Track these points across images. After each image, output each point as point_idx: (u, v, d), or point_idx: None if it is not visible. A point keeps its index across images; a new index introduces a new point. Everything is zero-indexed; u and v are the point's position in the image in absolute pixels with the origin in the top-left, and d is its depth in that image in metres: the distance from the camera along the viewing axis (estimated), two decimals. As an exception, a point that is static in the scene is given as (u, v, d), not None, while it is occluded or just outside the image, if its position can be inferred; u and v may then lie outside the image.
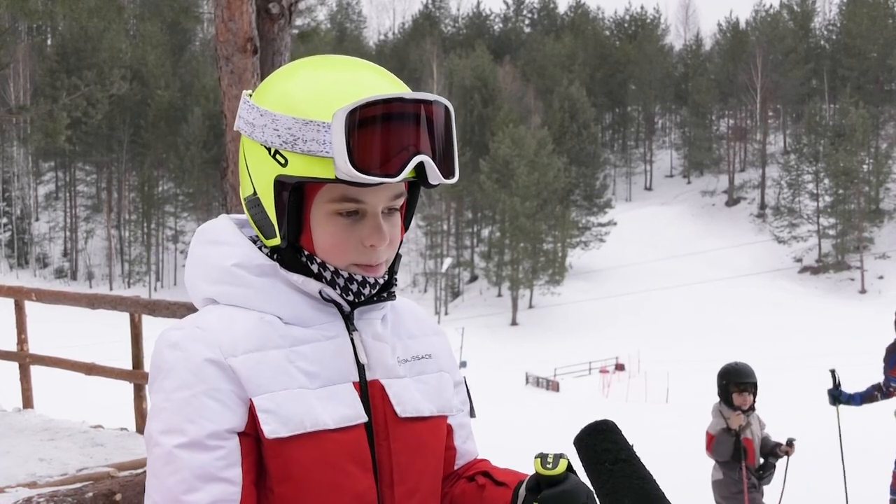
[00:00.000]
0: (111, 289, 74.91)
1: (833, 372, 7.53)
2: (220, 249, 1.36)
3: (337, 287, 1.33)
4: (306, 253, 1.34)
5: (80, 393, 18.91)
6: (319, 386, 1.30)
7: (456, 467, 1.49)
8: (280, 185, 1.28)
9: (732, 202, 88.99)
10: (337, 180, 1.24)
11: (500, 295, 74.05)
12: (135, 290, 74.00)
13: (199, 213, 77.21)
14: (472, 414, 1.55)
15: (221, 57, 5.49)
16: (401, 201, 1.34)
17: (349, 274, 1.33)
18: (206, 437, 1.22)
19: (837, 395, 7.40)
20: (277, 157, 1.27)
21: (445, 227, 79.31)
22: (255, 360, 1.27)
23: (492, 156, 71.40)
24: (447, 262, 64.46)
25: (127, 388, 8.05)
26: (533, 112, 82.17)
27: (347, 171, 1.21)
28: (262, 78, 5.80)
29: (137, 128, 78.34)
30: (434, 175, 1.27)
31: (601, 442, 1.16)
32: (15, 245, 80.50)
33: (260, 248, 1.37)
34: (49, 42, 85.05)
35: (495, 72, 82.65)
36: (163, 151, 78.04)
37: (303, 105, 1.26)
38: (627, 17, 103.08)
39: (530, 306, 71.65)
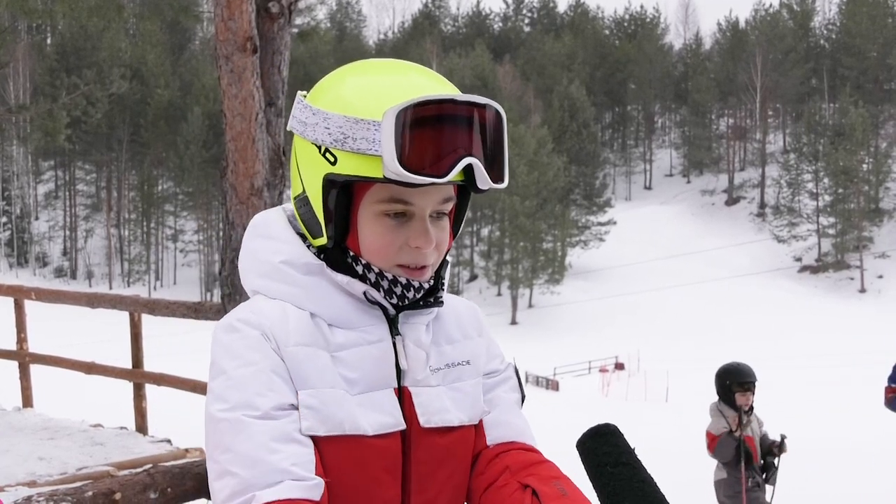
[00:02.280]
0: (111, 288, 74.94)
1: None
2: (270, 245, 1.37)
3: (381, 290, 1.32)
4: (352, 254, 1.33)
5: (80, 392, 18.90)
6: (359, 392, 1.29)
7: (490, 440, 1.41)
8: (329, 183, 1.28)
9: (732, 201, 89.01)
10: (385, 180, 1.23)
11: (499, 294, 74.08)
12: (134, 290, 74.02)
13: (199, 213, 77.25)
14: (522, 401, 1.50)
15: (221, 56, 5.49)
16: (450, 205, 1.33)
17: (394, 276, 1.31)
18: (276, 408, 1.22)
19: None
20: (327, 155, 1.27)
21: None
22: (306, 354, 1.27)
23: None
24: (447, 261, 64.30)
25: (126, 387, 8.04)
26: (533, 111, 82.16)
27: (395, 169, 1.20)
28: (262, 77, 5.81)
29: (137, 127, 78.33)
30: (483, 179, 1.25)
31: (603, 445, 1.16)
32: (14, 244, 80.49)
33: (308, 247, 1.36)
34: (49, 41, 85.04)
35: (495, 71, 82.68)
36: (162, 150, 78.02)
37: (354, 104, 1.26)
38: (627, 17, 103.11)
39: (530, 305, 71.66)
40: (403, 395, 1.32)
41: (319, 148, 1.29)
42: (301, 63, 67.42)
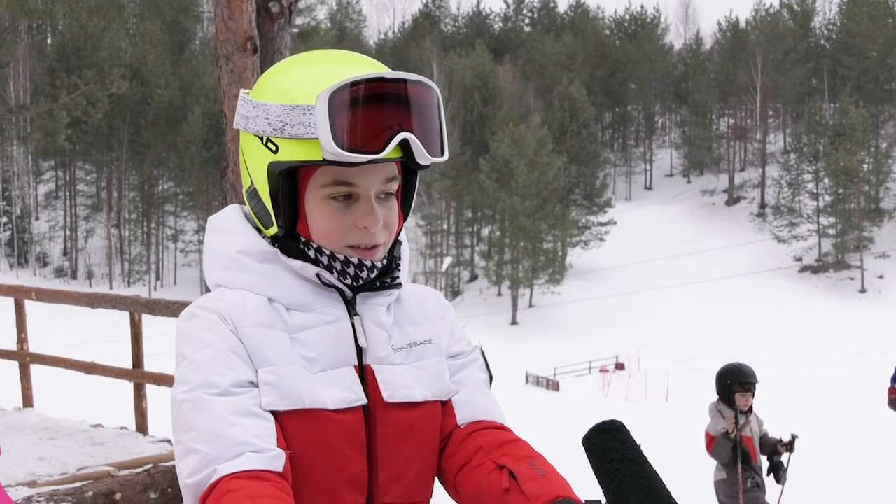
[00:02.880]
0: (111, 288, 74.93)
1: None
2: (226, 237, 1.41)
3: (334, 271, 1.36)
4: (303, 239, 1.37)
5: (80, 392, 18.92)
6: (319, 370, 1.32)
7: (461, 419, 1.44)
8: (274, 172, 1.33)
9: (732, 201, 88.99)
10: (325, 162, 1.27)
11: (500, 294, 74.07)
12: (134, 290, 74.02)
13: (199, 213, 77.22)
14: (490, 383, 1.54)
15: (221, 56, 5.49)
16: (394, 185, 1.37)
17: (345, 257, 1.36)
18: (235, 385, 1.26)
19: None
20: (269, 144, 1.32)
21: (445, 226, 79.31)
22: (263, 334, 1.31)
23: (492, 155, 71.38)
24: (447, 261, 64.48)
25: (127, 387, 8.04)
26: (533, 111, 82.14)
27: (332, 149, 1.24)
28: (262, 77, 5.82)
29: (137, 127, 78.32)
30: (420, 153, 1.30)
31: (608, 441, 1.17)
32: (15, 244, 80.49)
33: (263, 238, 1.41)
34: (49, 41, 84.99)
35: (495, 71, 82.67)
36: (163, 150, 78.03)
37: (291, 93, 1.30)
38: (627, 17, 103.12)
39: (530, 305, 71.64)
40: (366, 373, 1.35)
41: (262, 139, 1.33)
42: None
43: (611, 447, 1.17)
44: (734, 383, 6.35)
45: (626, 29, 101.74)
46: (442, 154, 1.35)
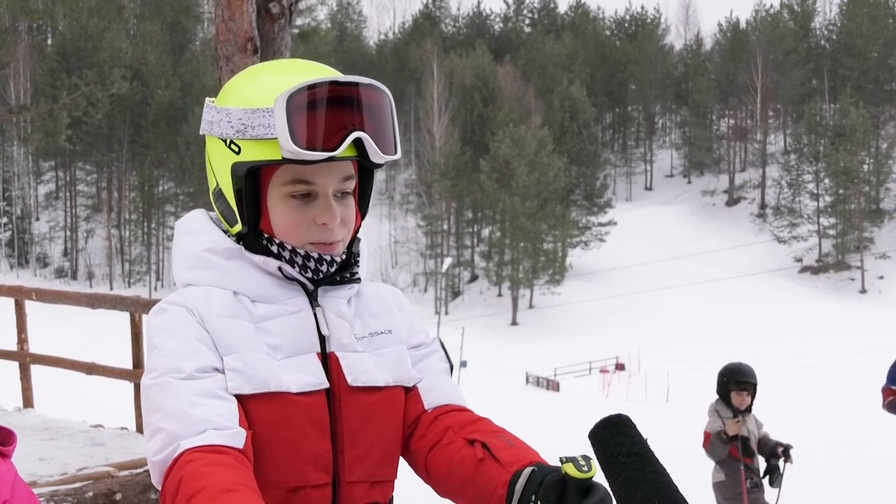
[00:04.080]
0: (111, 288, 74.92)
1: None
2: (193, 237, 1.49)
3: (296, 266, 1.45)
4: (266, 236, 1.46)
5: (81, 392, 18.90)
6: (284, 357, 1.41)
7: (427, 405, 1.54)
8: (236, 172, 1.42)
9: (733, 202, 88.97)
10: (284, 161, 1.37)
11: (500, 295, 74.05)
12: (135, 290, 74.00)
13: (200, 213, 77.20)
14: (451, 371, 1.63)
15: (222, 56, 5.49)
16: (351, 184, 1.46)
17: (306, 252, 1.45)
18: (200, 370, 1.34)
19: None
20: (232, 146, 1.41)
21: (445, 226, 79.28)
22: (228, 324, 1.40)
23: (492, 155, 71.37)
24: (447, 261, 64.36)
25: (127, 387, 8.04)
26: (533, 112, 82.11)
27: (290, 147, 1.33)
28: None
29: (138, 127, 78.32)
30: (374, 152, 1.39)
31: (615, 436, 1.18)
32: (15, 245, 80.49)
33: (229, 237, 1.49)
34: (49, 41, 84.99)
35: (495, 71, 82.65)
36: (163, 151, 78.03)
37: (251, 97, 1.41)
38: (628, 17, 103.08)
39: (530, 306, 71.62)
40: (330, 359, 1.44)
41: (225, 141, 1.43)
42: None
43: (617, 441, 1.18)
44: (731, 382, 6.34)
45: (626, 29, 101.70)
46: (395, 152, 1.43)
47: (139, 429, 7.54)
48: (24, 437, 7.05)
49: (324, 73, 1.43)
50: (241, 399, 1.35)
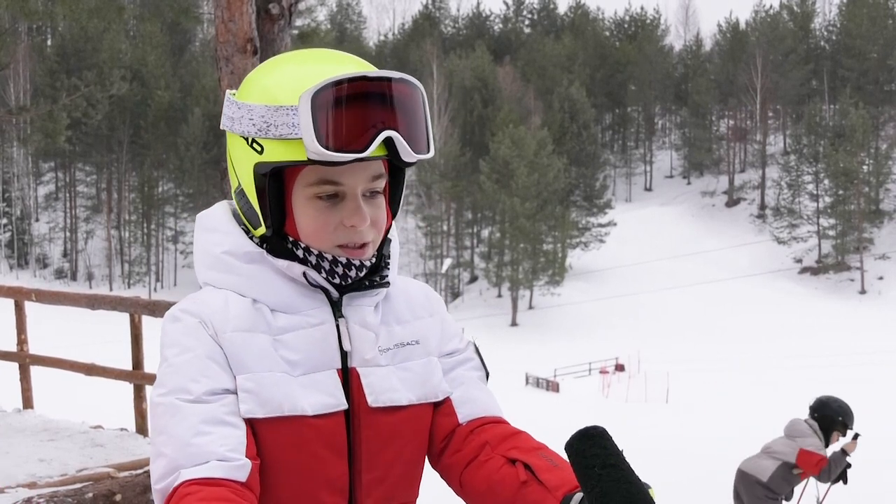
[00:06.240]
0: (111, 289, 74.91)
1: None
2: (213, 237, 1.42)
3: (322, 271, 1.36)
4: (291, 239, 1.37)
5: (80, 393, 18.91)
6: (301, 374, 1.33)
7: (462, 417, 1.45)
8: (259, 172, 1.33)
9: (732, 203, 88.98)
10: (309, 161, 1.28)
11: (499, 295, 74.04)
12: (135, 291, 73.99)
13: (199, 214, 77.22)
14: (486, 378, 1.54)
15: (221, 57, 5.49)
16: (381, 183, 1.37)
17: (333, 257, 1.35)
18: (208, 393, 1.27)
19: None
20: (254, 145, 1.32)
21: (445, 227, 79.28)
22: (243, 339, 1.32)
23: (492, 156, 71.38)
24: (447, 262, 64.47)
25: (127, 388, 8.04)
26: (533, 112, 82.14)
27: (316, 149, 1.24)
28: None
29: (137, 128, 78.32)
30: (405, 151, 1.29)
31: (591, 447, 1.17)
32: (15, 245, 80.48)
33: (251, 238, 1.41)
34: (49, 42, 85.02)
35: (495, 72, 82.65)
36: (163, 152, 78.01)
37: (274, 93, 1.31)
38: (627, 18, 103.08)
39: (530, 307, 71.62)
40: (350, 376, 1.35)
41: (247, 140, 1.33)
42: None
43: (593, 453, 1.17)
44: (841, 425, 6.33)
45: (625, 30, 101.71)
46: (428, 151, 1.34)
47: (139, 430, 7.54)
48: (24, 439, 7.05)
49: (352, 65, 1.34)
50: (253, 422, 1.29)
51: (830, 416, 6.37)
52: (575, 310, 68.76)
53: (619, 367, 50.93)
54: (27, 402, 8.52)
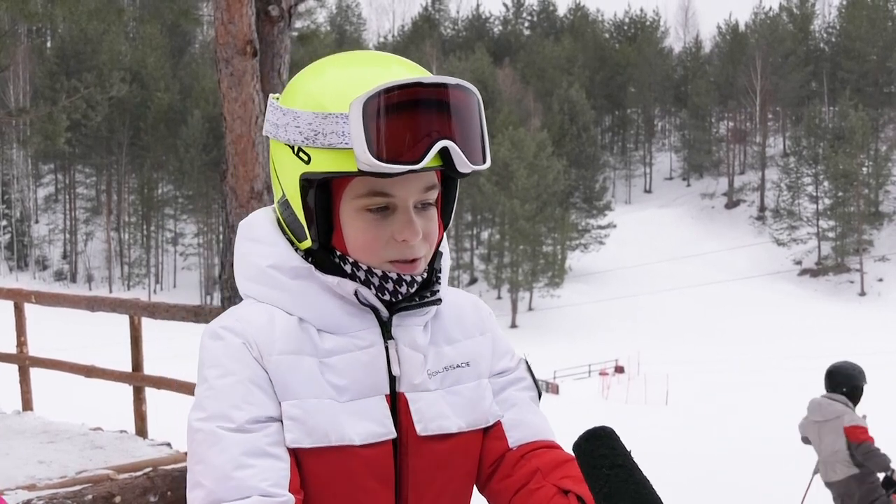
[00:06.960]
0: (110, 291, 74.90)
1: None
2: (258, 248, 1.33)
3: (372, 287, 1.28)
4: (339, 253, 1.29)
5: (80, 395, 18.88)
6: (349, 400, 1.26)
7: (512, 442, 1.38)
8: (306, 183, 1.25)
9: (732, 204, 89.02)
10: (360, 172, 1.19)
11: (499, 297, 74.06)
12: (134, 293, 73.98)
13: (199, 216, 77.26)
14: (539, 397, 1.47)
15: (221, 59, 5.49)
16: (434, 194, 1.29)
17: (383, 272, 1.27)
18: (251, 422, 1.20)
19: None
20: (301, 154, 1.24)
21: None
22: (290, 363, 1.24)
23: (491, 158, 71.36)
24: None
25: (126, 390, 8.04)
26: (532, 114, 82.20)
27: (367, 160, 1.16)
28: (262, 80, 5.81)
29: (137, 130, 78.35)
30: (461, 162, 1.21)
31: (599, 448, 1.16)
32: (14, 247, 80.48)
33: (297, 251, 1.32)
34: (49, 44, 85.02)
35: (495, 74, 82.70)
36: (162, 154, 78.04)
37: (322, 100, 1.23)
38: (627, 20, 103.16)
39: (530, 309, 71.65)
40: (399, 402, 1.29)
41: (293, 148, 1.25)
42: (301, 66, 67.07)
43: (601, 453, 1.15)
44: (863, 386, 6.32)
45: (625, 32, 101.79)
46: (484, 161, 1.26)
47: (138, 432, 7.54)
48: (24, 440, 7.05)
49: (401, 67, 1.26)
50: (298, 452, 1.22)
51: (859, 386, 6.37)
52: (574, 311, 68.77)
53: (619, 369, 50.91)
54: (27, 404, 8.52)
